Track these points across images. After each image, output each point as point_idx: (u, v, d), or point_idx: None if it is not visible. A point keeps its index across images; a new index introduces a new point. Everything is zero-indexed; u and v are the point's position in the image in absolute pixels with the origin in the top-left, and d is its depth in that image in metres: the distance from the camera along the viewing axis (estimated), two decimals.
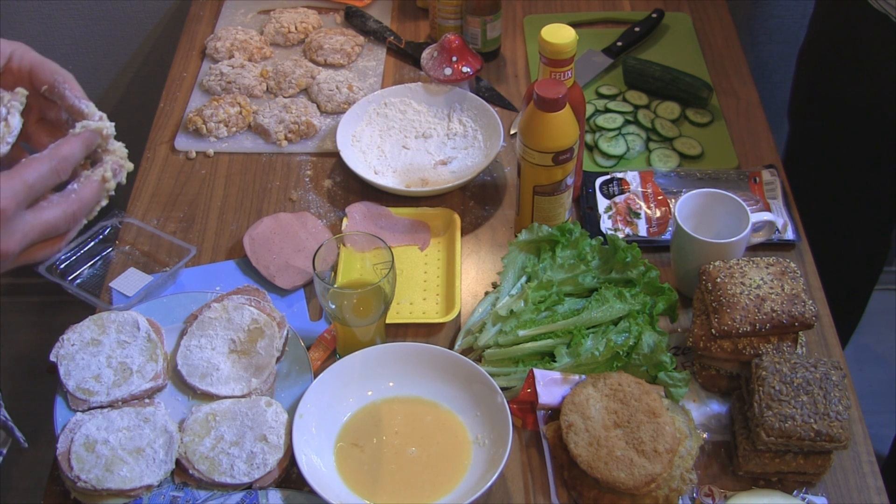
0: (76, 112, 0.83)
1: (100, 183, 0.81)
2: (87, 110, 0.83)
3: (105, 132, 0.82)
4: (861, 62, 1.59)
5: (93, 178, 0.81)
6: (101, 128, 0.82)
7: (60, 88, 0.84)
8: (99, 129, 0.82)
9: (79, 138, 0.80)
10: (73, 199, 0.79)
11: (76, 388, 1.16)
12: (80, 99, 0.84)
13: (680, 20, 1.83)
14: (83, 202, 0.79)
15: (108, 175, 0.82)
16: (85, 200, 0.80)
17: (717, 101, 1.64)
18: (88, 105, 0.84)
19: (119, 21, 2.14)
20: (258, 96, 1.67)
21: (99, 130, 0.82)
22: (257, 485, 1.11)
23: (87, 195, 0.80)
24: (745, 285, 1.17)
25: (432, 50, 1.62)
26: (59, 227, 0.78)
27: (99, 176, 0.81)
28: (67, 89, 0.84)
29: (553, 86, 1.24)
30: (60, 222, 0.78)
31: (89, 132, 0.81)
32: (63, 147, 0.79)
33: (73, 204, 0.78)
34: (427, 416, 1.17)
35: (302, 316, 1.32)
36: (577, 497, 1.11)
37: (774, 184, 1.45)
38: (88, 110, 0.83)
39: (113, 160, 0.82)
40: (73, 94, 0.84)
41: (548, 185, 1.31)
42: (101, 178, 0.81)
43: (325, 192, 1.50)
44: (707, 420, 1.19)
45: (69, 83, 0.84)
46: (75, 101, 0.84)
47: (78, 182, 0.80)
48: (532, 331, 1.23)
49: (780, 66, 2.23)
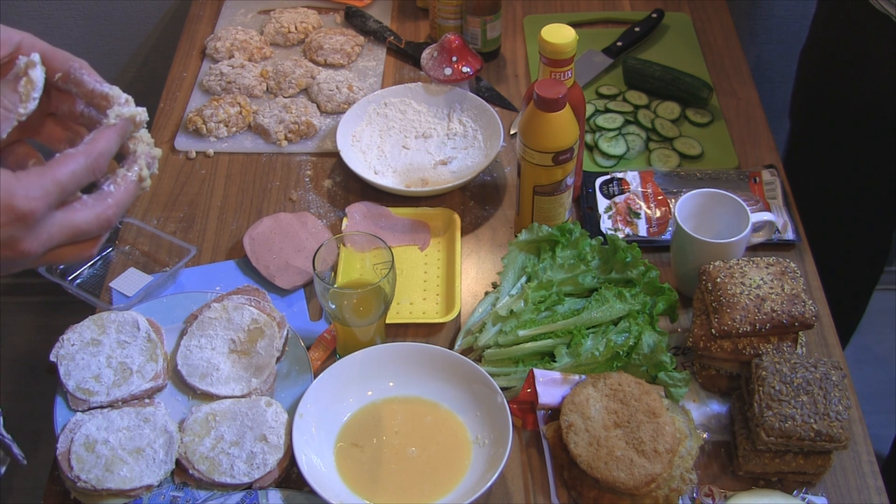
0: (99, 96, 0.76)
1: (137, 183, 0.75)
2: (112, 93, 0.76)
3: (138, 119, 0.76)
4: (862, 62, 1.59)
5: (129, 177, 0.74)
6: (135, 115, 0.75)
7: (77, 75, 0.76)
8: (132, 116, 0.75)
9: (114, 130, 0.73)
10: (109, 203, 0.72)
11: (76, 388, 1.16)
12: (100, 82, 0.77)
13: (680, 20, 1.83)
14: (119, 205, 0.73)
15: (144, 173, 0.75)
16: (121, 204, 0.73)
17: (717, 101, 1.64)
18: (112, 88, 0.77)
19: (119, 21, 2.14)
20: (258, 96, 1.67)
21: (132, 118, 0.75)
22: (257, 485, 1.11)
23: (123, 198, 0.74)
24: (745, 285, 1.17)
25: (432, 50, 1.62)
26: (90, 231, 0.72)
27: (135, 175, 0.75)
28: (85, 74, 0.76)
29: (553, 86, 1.24)
30: (93, 227, 0.72)
31: (123, 121, 0.74)
32: (99, 142, 0.72)
33: (108, 208, 0.72)
34: (427, 416, 1.17)
35: (302, 316, 1.32)
36: (577, 497, 1.11)
37: (774, 184, 1.45)
38: (113, 93, 0.76)
39: (145, 152, 0.76)
40: (92, 79, 0.76)
41: (548, 185, 1.31)
42: (137, 177, 0.75)
43: (325, 192, 1.50)
44: (707, 420, 1.19)
45: (86, 69, 0.77)
46: (96, 84, 0.76)
47: (114, 183, 0.73)
48: (532, 331, 1.23)
49: (780, 66, 2.23)
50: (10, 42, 0.77)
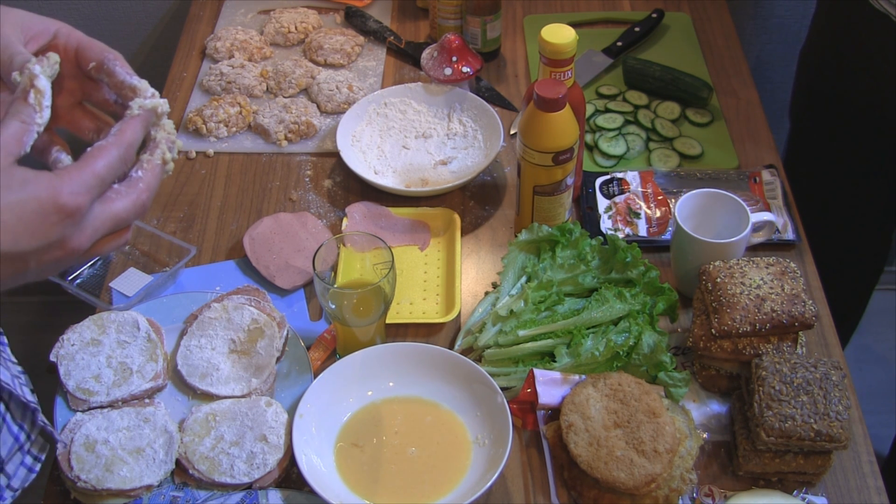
0: (128, 88, 0.79)
1: (161, 166, 0.77)
2: (141, 86, 0.79)
3: (160, 110, 0.78)
4: (862, 62, 1.59)
5: (154, 161, 0.77)
6: (157, 105, 0.78)
7: (110, 65, 0.79)
8: (154, 107, 0.78)
9: (138, 120, 0.76)
10: (142, 187, 0.74)
11: (76, 388, 1.16)
12: (131, 75, 0.79)
13: (680, 20, 1.83)
14: (150, 189, 0.75)
15: (167, 156, 0.78)
16: (152, 188, 0.76)
17: (717, 101, 1.64)
18: (141, 81, 0.79)
19: (119, 21, 2.14)
20: (258, 96, 1.67)
21: (154, 108, 0.78)
22: (257, 485, 1.11)
23: (152, 182, 0.76)
24: (745, 285, 1.17)
25: (432, 50, 1.62)
26: (128, 218, 0.74)
27: (159, 158, 0.77)
28: (118, 66, 0.79)
29: (553, 86, 1.24)
30: (130, 213, 0.74)
31: (146, 112, 0.77)
32: (127, 132, 0.74)
33: (142, 193, 0.74)
34: (427, 416, 1.17)
35: (302, 316, 1.32)
36: (577, 497, 1.11)
37: (774, 184, 1.45)
38: (141, 86, 0.79)
39: (164, 138, 0.78)
40: (123, 70, 0.79)
41: (548, 185, 1.31)
42: (161, 160, 0.77)
43: (325, 192, 1.50)
44: (707, 420, 1.19)
45: (119, 60, 0.80)
46: (126, 76, 0.79)
47: (141, 169, 0.76)
48: (532, 331, 1.23)
49: (780, 66, 2.23)
50: (47, 32, 0.82)
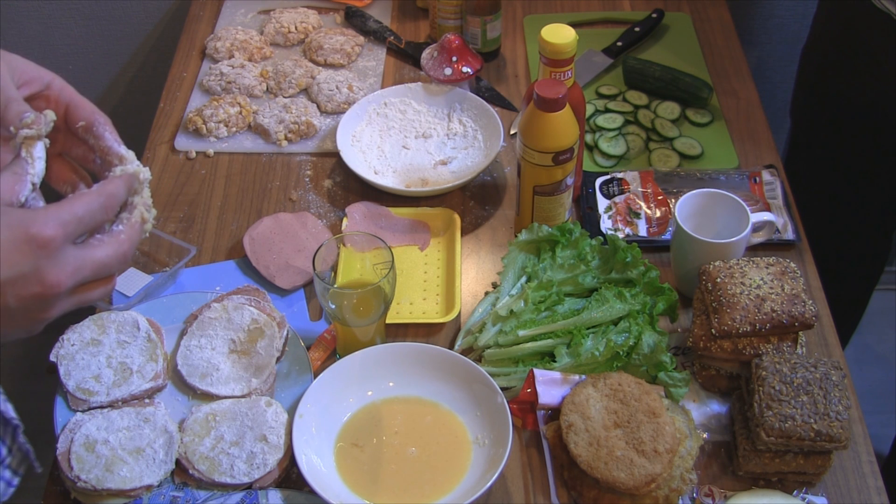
0: (115, 155, 0.83)
1: (140, 223, 0.81)
2: (128, 156, 0.83)
3: (142, 177, 0.82)
4: (864, 61, 1.59)
5: (133, 219, 0.81)
6: (139, 172, 0.82)
7: (100, 129, 0.83)
8: (137, 173, 0.82)
9: (122, 179, 0.80)
10: (123, 238, 0.78)
11: (76, 388, 1.16)
12: (119, 143, 0.84)
13: (680, 20, 1.83)
14: (131, 241, 0.79)
15: (146, 216, 0.82)
16: (133, 241, 0.79)
17: (717, 101, 1.64)
18: (129, 151, 0.84)
19: (119, 21, 2.14)
20: (258, 96, 1.67)
21: (137, 175, 0.82)
22: (257, 485, 1.11)
23: (133, 236, 0.80)
24: (745, 285, 1.17)
25: (432, 50, 1.62)
26: (111, 266, 0.77)
27: (138, 217, 0.81)
28: (108, 131, 0.84)
29: (553, 86, 1.24)
30: (113, 261, 0.77)
31: (129, 175, 0.81)
32: (110, 185, 0.78)
33: (123, 243, 0.78)
34: (427, 416, 1.17)
35: (302, 316, 1.32)
36: (577, 497, 1.11)
37: (774, 184, 1.45)
38: (129, 156, 0.83)
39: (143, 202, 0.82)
40: (112, 137, 0.84)
41: (548, 185, 1.31)
42: (140, 218, 0.81)
43: (325, 192, 1.50)
44: (707, 420, 1.19)
45: (108, 126, 0.84)
46: (114, 144, 0.83)
47: (122, 224, 0.80)
48: (532, 331, 1.23)
49: (780, 66, 2.23)
50: (40, 80, 0.83)
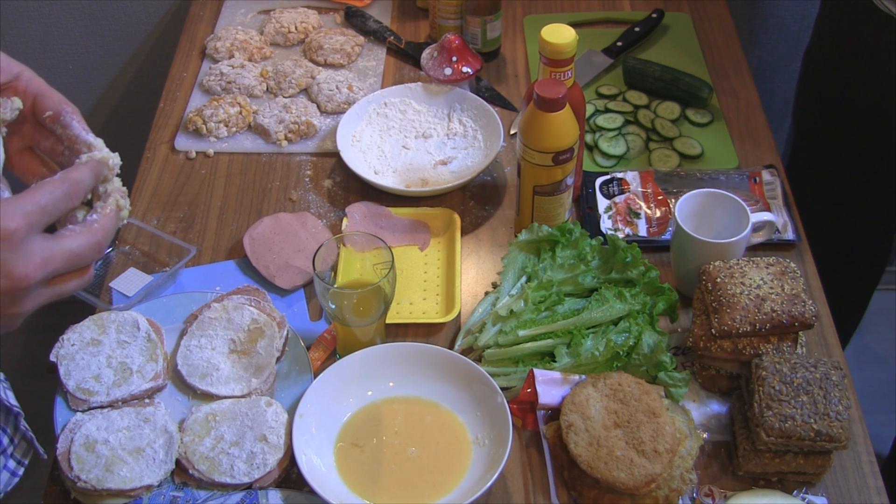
0: (82, 143, 0.82)
1: (116, 211, 0.80)
2: (96, 143, 0.82)
3: (111, 162, 0.81)
4: (866, 63, 1.59)
5: (108, 206, 0.80)
6: (108, 158, 0.81)
7: (67, 119, 0.82)
8: (105, 159, 0.81)
9: (89, 166, 0.79)
10: (97, 227, 0.77)
11: (76, 388, 1.16)
12: (87, 131, 0.83)
13: (680, 20, 1.83)
14: (106, 231, 0.78)
15: (121, 203, 0.81)
16: (108, 230, 0.78)
17: (717, 101, 1.64)
18: (97, 139, 0.83)
19: (119, 21, 2.14)
20: (258, 96, 1.67)
21: (105, 161, 0.81)
22: (257, 485, 1.11)
23: (108, 225, 0.78)
24: (745, 285, 1.17)
25: (432, 50, 1.62)
26: (84, 256, 0.76)
27: (113, 205, 0.80)
28: (75, 120, 0.82)
29: (553, 86, 1.24)
30: (85, 251, 0.76)
31: (96, 161, 0.80)
32: (74, 172, 0.77)
33: (97, 233, 0.77)
34: (427, 416, 1.17)
35: (302, 316, 1.32)
36: (577, 497, 1.11)
37: (774, 184, 1.45)
38: (97, 143, 0.82)
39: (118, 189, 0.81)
40: (80, 126, 0.82)
41: (548, 185, 1.31)
42: (115, 205, 0.80)
43: (325, 192, 1.50)
44: (707, 420, 1.19)
45: (76, 115, 0.83)
46: (81, 132, 0.82)
47: (97, 213, 0.79)
48: (532, 331, 1.23)
49: (780, 66, 2.23)
50: (9, 71, 0.82)
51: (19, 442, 1.08)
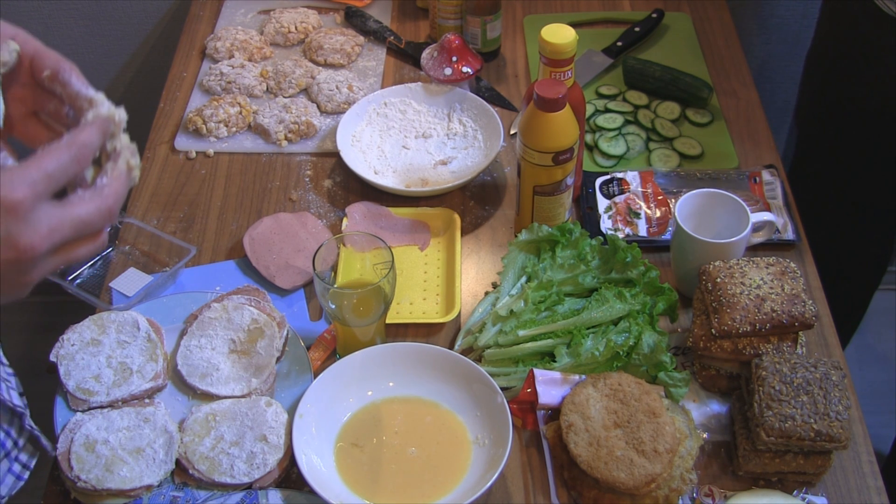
0: (84, 99, 0.78)
1: (127, 172, 0.76)
2: (97, 98, 0.78)
3: (117, 118, 0.77)
4: (868, 64, 1.59)
5: (119, 168, 0.76)
6: (113, 113, 0.77)
7: (66, 75, 0.78)
8: (111, 115, 0.77)
9: (95, 125, 0.75)
10: (107, 192, 0.73)
11: (76, 388, 1.16)
12: (87, 86, 0.79)
13: (680, 20, 1.83)
14: (117, 195, 0.74)
15: (132, 162, 0.77)
16: (118, 194, 0.74)
17: (717, 101, 1.64)
18: (98, 93, 0.79)
19: (119, 21, 2.14)
20: (258, 96, 1.67)
21: (111, 117, 0.77)
22: (257, 485, 1.11)
23: (119, 188, 0.75)
24: (745, 285, 1.17)
25: (432, 50, 1.62)
26: (93, 223, 0.72)
27: (124, 164, 0.76)
28: (74, 77, 0.78)
29: (553, 86, 1.24)
30: (95, 218, 0.72)
31: (102, 119, 0.76)
32: (81, 134, 0.73)
33: (107, 198, 0.73)
34: (427, 416, 1.17)
35: (302, 316, 1.32)
36: (577, 497, 1.11)
37: (774, 184, 1.45)
38: (98, 98, 0.78)
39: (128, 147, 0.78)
40: (79, 82, 0.78)
41: (548, 185, 1.31)
42: (126, 165, 0.76)
43: (325, 192, 1.50)
44: (707, 420, 1.19)
45: (75, 72, 0.79)
46: (82, 88, 0.78)
47: (106, 176, 0.75)
48: (532, 331, 1.23)
49: (780, 66, 2.23)
50: (4, 34, 0.78)
51: (25, 443, 1.08)
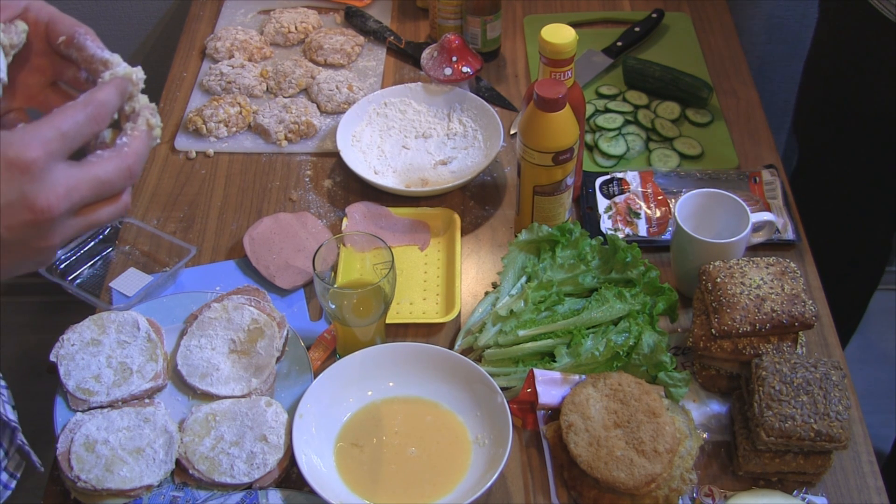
0: (99, 62, 0.76)
1: (147, 131, 0.74)
2: (112, 59, 0.76)
3: (135, 77, 0.76)
4: (867, 68, 1.58)
5: (139, 127, 0.74)
6: (130, 73, 0.75)
7: (81, 39, 0.76)
8: (129, 75, 0.75)
9: (111, 84, 0.73)
10: (127, 152, 0.70)
11: (76, 388, 1.16)
12: (102, 49, 0.77)
13: (680, 20, 1.83)
14: (138, 154, 0.72)
15: (152, 121, 0.75)
16: (140, 153, 0.72)
17: (717, 101, 1.64)
18: (113, 55, 0.77)
19: (119, 21, 2.14)
20: (258, 96, 1.67)
21: (129, 77, 0.75)
22: (257, 485, 1.11)
23: (140, 147, 0.72)
24: (745, 285, 1.17)
25: (432, 50, 1.62)
26: (114, 183, 0.69)
27: (144, 124, 0.74)
28: (89, 40, 0.77)
29: (553, 86, 1.24)
30: (115, 178, 0.69)
31: (119, 79, 0.74)
32: (97, 93, 0.71)
33: (128, 157, 0.70)
34: (427, 416, 1.17)
35: (302, 316, 1.32)
36: (577, 497, 1.11)
37: (774, 184, 1.45)
38: (113, 59, 0.76)
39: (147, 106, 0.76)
40: (94, 45, 0.77)
41: (548, 185, 1.31)
42: (146, 125, 0.74)
43: (325, 192, 1.50)
44: (707, 420, 1.19)
45: (90, 34, 0.77)
46: (97, 50, 0.76)
47: (126, 136, 0.73)
48: (532, 331, 1.23)
49: (780, 66, 2.23)
50: (18, 5, 0.77)
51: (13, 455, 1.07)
